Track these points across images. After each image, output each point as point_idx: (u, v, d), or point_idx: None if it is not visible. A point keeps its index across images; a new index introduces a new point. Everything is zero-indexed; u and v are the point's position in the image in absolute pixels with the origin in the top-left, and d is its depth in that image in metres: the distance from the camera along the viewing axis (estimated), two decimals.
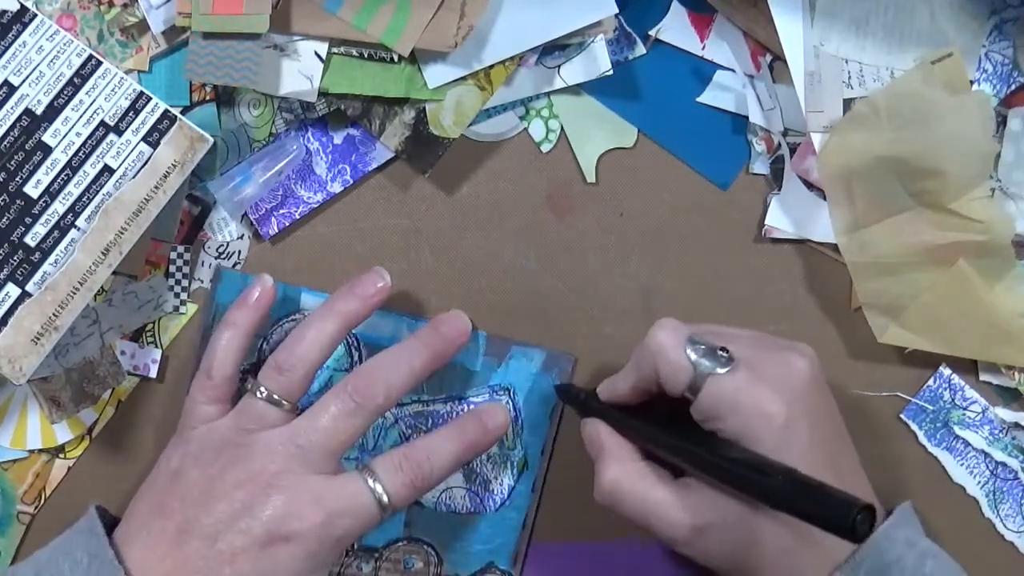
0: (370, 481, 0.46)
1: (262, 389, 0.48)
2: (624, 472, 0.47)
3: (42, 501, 0.55)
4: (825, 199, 0.55)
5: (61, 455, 0.55)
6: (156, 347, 0.55)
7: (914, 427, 0.57)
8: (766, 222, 0.56)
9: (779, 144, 0.56)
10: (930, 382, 0.56)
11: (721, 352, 0.45)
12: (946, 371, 0.56)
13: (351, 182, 0.55)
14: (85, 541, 0.45)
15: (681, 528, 0.45)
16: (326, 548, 0.45)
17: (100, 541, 0.45)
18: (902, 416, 0.57)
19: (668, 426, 0.47)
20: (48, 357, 0.49)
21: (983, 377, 0.56)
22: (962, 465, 0.56)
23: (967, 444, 0.56)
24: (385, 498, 0.46)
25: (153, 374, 0.55)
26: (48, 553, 0.46)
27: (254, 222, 0.55)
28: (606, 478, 0.47)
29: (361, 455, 0.55)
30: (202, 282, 0.55)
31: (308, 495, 0.45)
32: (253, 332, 0.51)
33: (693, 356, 0.45)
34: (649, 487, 0.46)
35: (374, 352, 0.50)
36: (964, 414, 0.56)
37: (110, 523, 0.47)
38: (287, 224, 0.55)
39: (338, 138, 0.55)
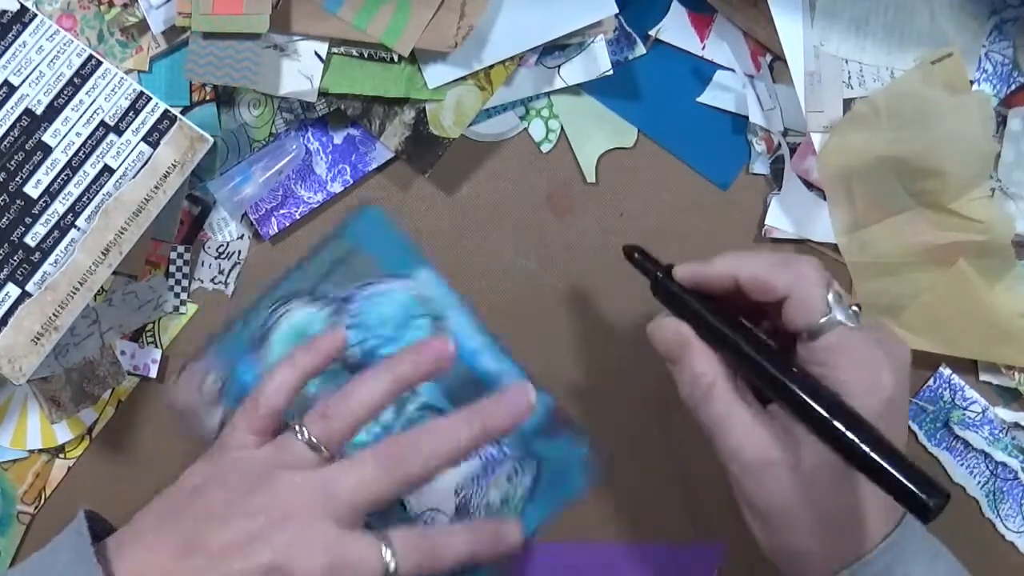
0: (384, 549, 0.46)
1: (304, 431, 0.47)
2: (718, 376, 0.45)
3: (42, 501, 0.55)
4: (825, 199, 0.55)
5: (61, 455, 0.55)
6: (156, 347, 0.55)
7: (914, 427, 0.57)
8: (766, 222, 0.56)
9: (779, 144, 0.56)
10: (930, 382, 0.56)
11: (853, 308, 0.45)
12: (946, 371, 0.56)
13: (351, 182, 0.55)
14: (70, 541, 0.45)
15: (759, 453, 0.44)
16: None
17: (83, 541, 0.45)
18: None
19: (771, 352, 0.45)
20: (48, 357, 0.49)
21: (983, 377, 0.56)
22: (962, 465, 0.56)
23: (967, 444, 0.56)
24: (392, 567, 0.46)
25: (153, 374, 0.55)
26: (37, 557, 0.46)
27: (254, 222, 0.55)
28: (700, 372, 0.45)
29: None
30: (202, 282, 0.55)
31: (321, 540, 0.45)
32: (311, 376, 0.50)
33: (832, 300, 0.45)
34: (738, 400, 0.45)
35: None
36: (964, 414, 0.56)
37: (105, 528, 0.47)
38: (287, 224, 0.55)
39: (338, 138, 0.55)
